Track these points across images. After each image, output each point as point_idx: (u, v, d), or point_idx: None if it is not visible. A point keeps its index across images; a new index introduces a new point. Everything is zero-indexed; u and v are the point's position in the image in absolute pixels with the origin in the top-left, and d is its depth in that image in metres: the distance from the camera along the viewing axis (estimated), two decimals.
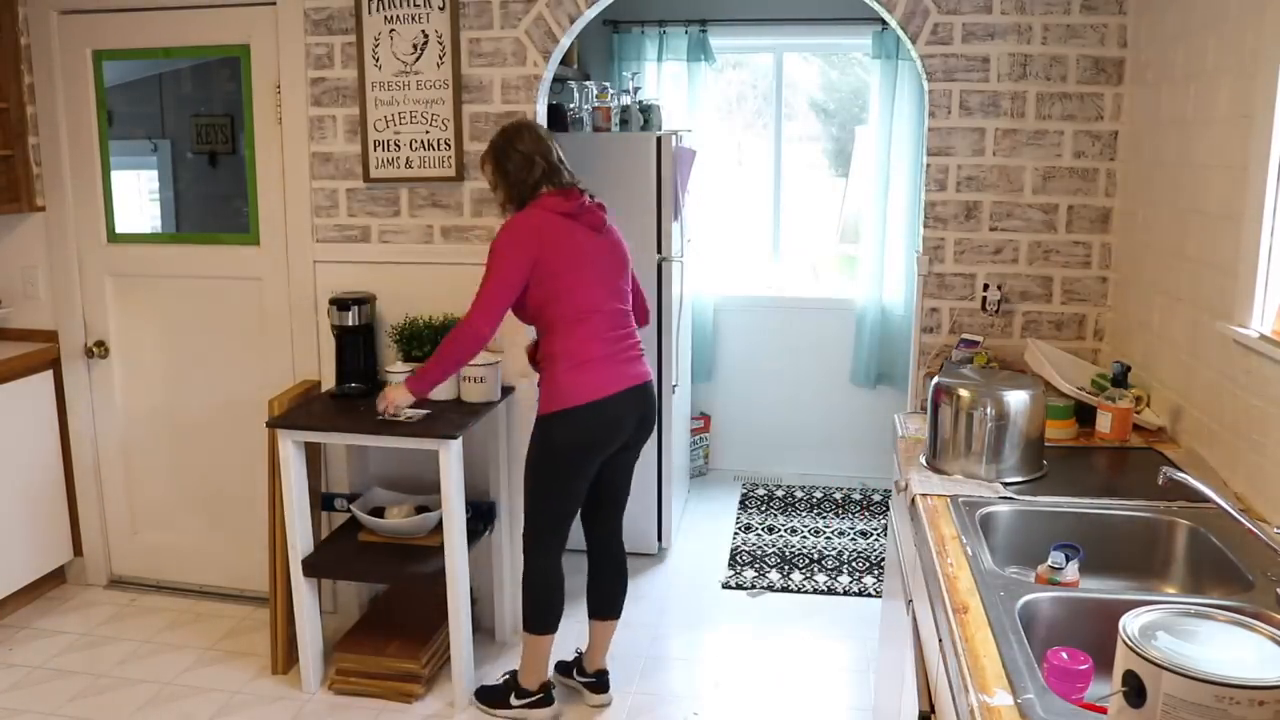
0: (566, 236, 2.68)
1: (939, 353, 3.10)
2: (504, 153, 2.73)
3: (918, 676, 1.89)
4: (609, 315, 2.75)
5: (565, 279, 2.66)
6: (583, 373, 2.69)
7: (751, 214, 5.14)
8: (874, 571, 3.89)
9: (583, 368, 2.69)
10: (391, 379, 3.07)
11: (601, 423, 2.73)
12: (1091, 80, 2.95)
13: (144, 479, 3.75)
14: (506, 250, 2.65)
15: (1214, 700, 1.09)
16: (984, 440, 2.20)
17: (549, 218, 2.68)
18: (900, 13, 2.98)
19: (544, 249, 2.64)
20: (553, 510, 2.83)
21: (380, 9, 3.18)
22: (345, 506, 3.30)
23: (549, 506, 2.82)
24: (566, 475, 2.76)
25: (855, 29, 4.63)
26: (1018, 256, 3.07)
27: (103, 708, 3.02)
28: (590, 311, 2.70)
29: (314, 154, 3.34)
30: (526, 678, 2.93)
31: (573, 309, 2.68)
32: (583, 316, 2.69)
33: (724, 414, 5.11)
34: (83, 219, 3.59)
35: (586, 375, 2.69)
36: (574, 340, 2.69)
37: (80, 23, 3.47)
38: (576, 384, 2.68)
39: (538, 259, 2.64)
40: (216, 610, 3.64)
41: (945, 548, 1.83)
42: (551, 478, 2.77)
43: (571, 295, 2.68)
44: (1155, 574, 1.97)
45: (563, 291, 2.67)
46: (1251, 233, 2.06)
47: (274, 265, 3.46)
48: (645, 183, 3.82)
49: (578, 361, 2.69)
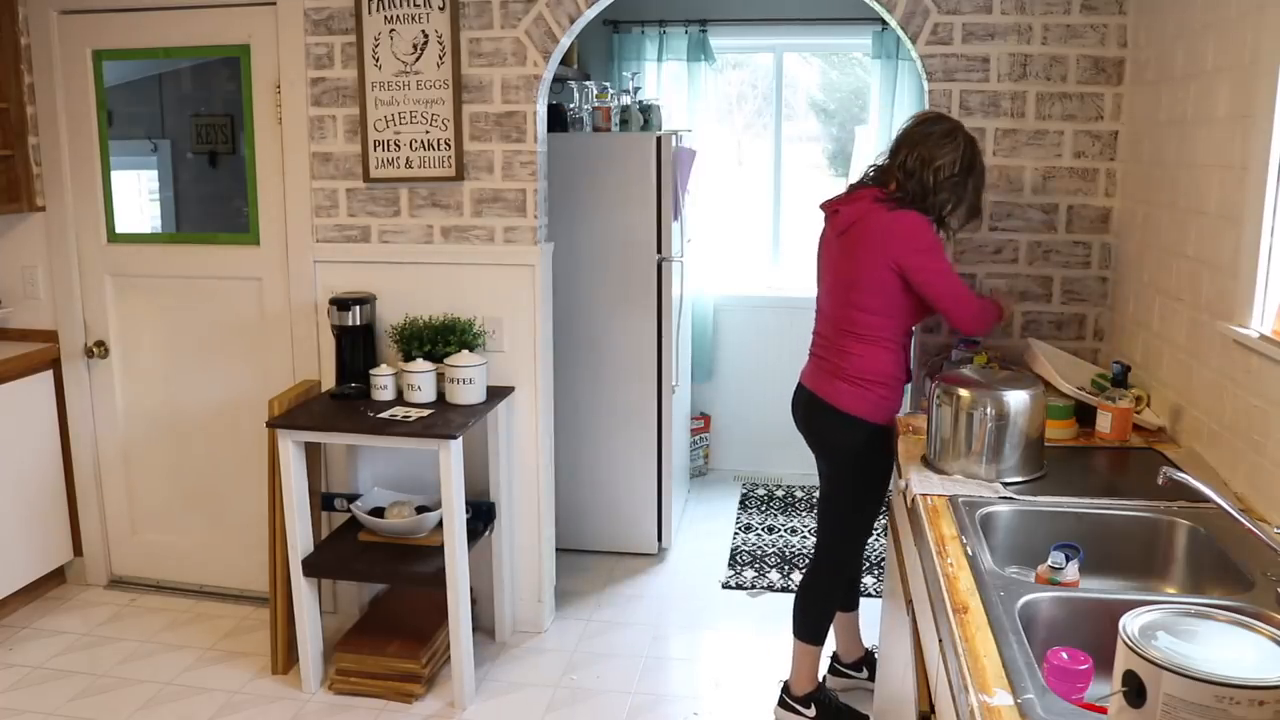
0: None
1: (939, 353, 3.10)
2: (974, 163, 2.56)
3: (918, 676, 1.89)
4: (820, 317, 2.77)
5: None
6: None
7: (751, 214, 5.14)
8: (874, 571, 3.89)
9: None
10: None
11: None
12: (1091, 80, 2.95)
13: (144, 479, 3.75)
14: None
15: (1214, 700, 1.09)
16: (984, 440, 2.20)
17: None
18: (900, 13, 2.98)
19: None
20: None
21: (380, 9, 3.18)
22: (345, 506, 3.30)
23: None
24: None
25: (855, 29, 4.63)
26: (1018, 256, 3.07)
27: (103, 708, 3.02)
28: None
29: (314, 154, 3.34)
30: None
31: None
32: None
33: (724, 414, 5.11)
34: (83, 219, 3.59)
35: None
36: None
37: (80, 23, 3.47)
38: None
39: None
40: (216, 610, 3.64)
41: (945, 548, 1.83)
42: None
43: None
44: (1155, 574, 1.97)
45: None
46: (1251, 233, 2.06)
47: (274, 265, 3.46)
48: (645, 183, 3.82)
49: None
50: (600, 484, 4.06)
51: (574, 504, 4.03)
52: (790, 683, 2.93)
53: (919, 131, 2.56)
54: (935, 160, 2.51)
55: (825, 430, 2.72)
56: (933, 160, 2.51)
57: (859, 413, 2.63)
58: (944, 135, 2.54)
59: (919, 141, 2.54)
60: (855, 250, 2.57)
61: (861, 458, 2.67)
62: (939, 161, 2.51)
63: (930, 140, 2.53)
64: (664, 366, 3.96)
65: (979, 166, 2.58)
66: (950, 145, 2.52)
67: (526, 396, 3.33)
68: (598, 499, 4.07)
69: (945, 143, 2.52)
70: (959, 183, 2.54)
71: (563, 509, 3.89)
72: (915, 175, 2.53)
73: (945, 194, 2.54)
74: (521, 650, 3.36)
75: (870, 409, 2.63)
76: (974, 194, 2.59)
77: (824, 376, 2.69)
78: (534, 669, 3.24)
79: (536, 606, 3.47)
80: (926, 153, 2.52)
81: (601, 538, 4.10)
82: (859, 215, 2.57)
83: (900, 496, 2.36)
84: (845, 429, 2.66)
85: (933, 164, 2.51)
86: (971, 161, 2.55)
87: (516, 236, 3.26)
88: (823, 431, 2.73)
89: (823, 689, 2.94)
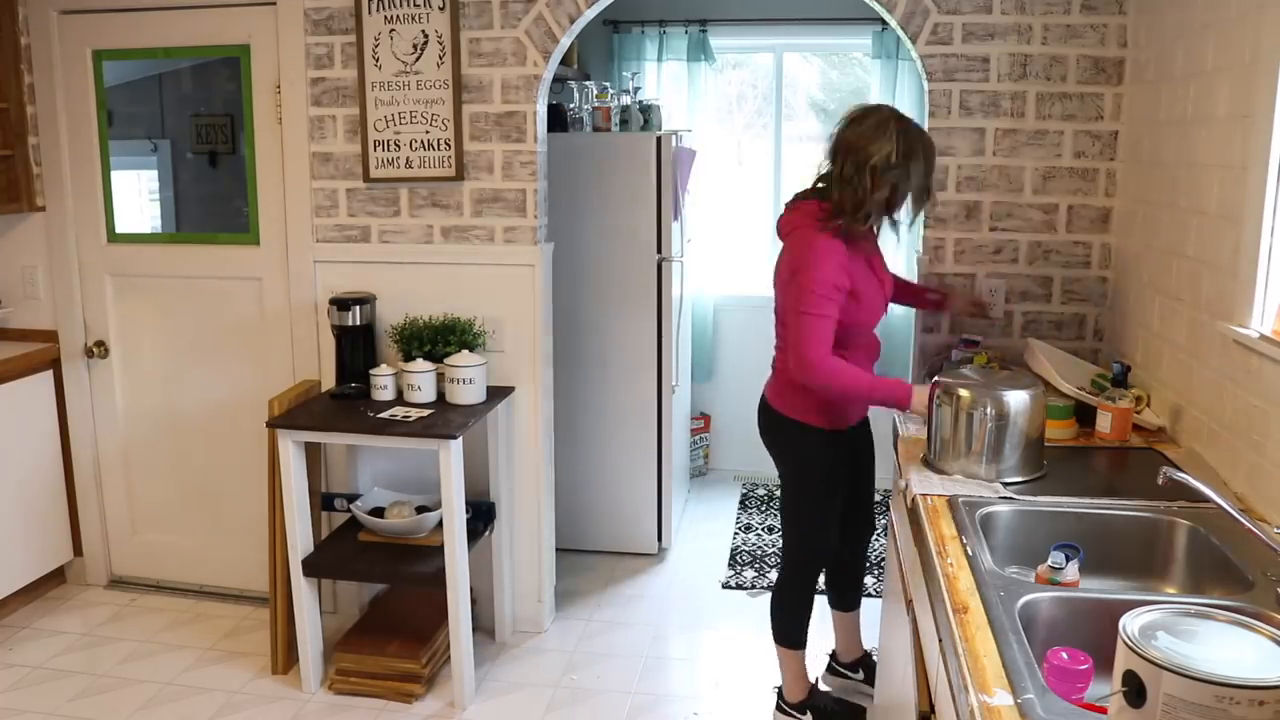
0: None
1: (939, 353, 3.10)
2: (912, 147, 2.46)
3: (917, 676, 1.89)
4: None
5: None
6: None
7: (751, 214, 5.14)
8: (874, 571, 3.89)
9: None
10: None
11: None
12: (1091, 80, 2.95)
13: (144, 479, 3.75)
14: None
15: (1214, 700, 1.08)
16: (984, 440, 2.19)
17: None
18: (900, 13, 2.98)
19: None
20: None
21: (380, 9, 3.18)
22: (345, 506, 3.30)
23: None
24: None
25: (855, 29, 4.63)
26: (1018, 256, 3.07)
27: (103, 708, 3.02)
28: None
29: (314, 154, 3.34)
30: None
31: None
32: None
33: (724, 414, 5.11)
34: (83, 219, 3.59)
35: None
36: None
37: (80, 23, 3.47)
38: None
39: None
40: (216, 610, 3.64)
41: (945, 548, 1.83)
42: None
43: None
44: (1155, 574, 1.96)
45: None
46: (1251, 233, 2.06)
47: (274, 265, 3.46)
48: (645, 183, 3.82)
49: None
50: (600, 484, 4.06)
51: (574, 504, 4.03)
52: (783, 691, 2.94)
53: (849, 135, 2.48)
54: (870, 159, 2.42)
55: (769, 432, 2.81)
56: (868, 159, 2.42)
57: (793, 413, 2.70)
58: (874, 130, 2.44)
59: (851, 145, 2.46)
60: (780, 260, 2.66)
61: (801, 458, 2.74)
62: (874, 160, 2.42)
63: (861, 140, 2.44)
64: (664, 366, 3.96)
65: (918, 148, 2.46)
66: (882, 138, 2.42)
67: (526, 396, 3.33)
68: (598, 499, 4.07)
69: (877, 137, 2.43)
70: (901, 172, 2.44)
71: (563, 509, 3.89)
72: (852, 181, 2.45)
73: (887, 189, 2.45)
74: (521, 650, 3.36)
75: (802, 407, 2.69)
76: (922, 176, 2.48)
77: (772, 380, 2.80)
78: (534, 669, 3.24)
79: (536, 606, 3.47)
80: (861, 155, 2.43)
81: (601, 538, 4.10)
82: (790, 229, 2.64)
83: (900, 496, 2.36)
84: (784, 429, 2.74)
85: (868, 163, 2.42)
86: (909, 147, 2.44)
87: (516, 236, 3.26)
88: (767, 434, 2.82)
89: (815, 693, 2.94)
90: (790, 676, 2.90)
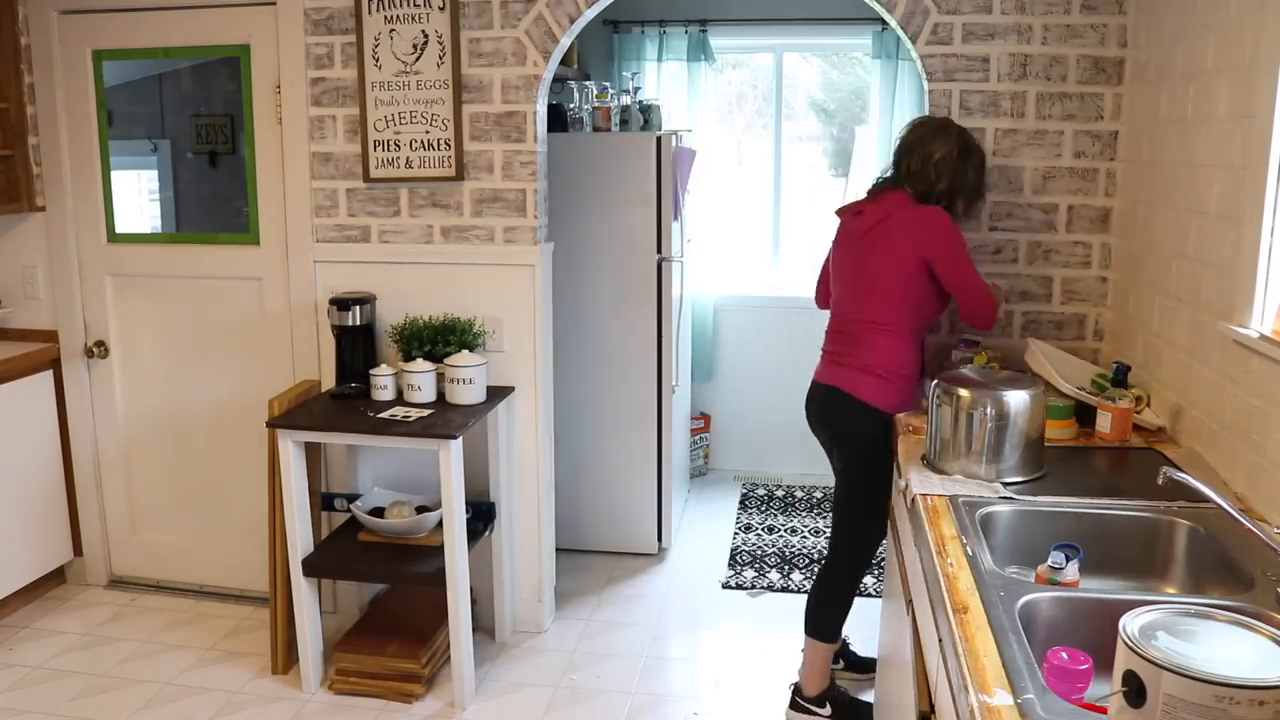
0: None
1: (939, 353, 3.10)
2: (969, 146, 2.75)
3: (917, 676, 1.89)
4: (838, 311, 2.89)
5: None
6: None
7: (751, 214, 5.14)
8: (874, 571, 3.89)
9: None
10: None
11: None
12: (1091, 80, 2.95)
13: (144, 479, 3.75)
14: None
15: (1214, 700, 1.08)
16: (984, 440, 2.20)
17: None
18: (900, 13, 2.98)
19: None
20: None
21: (380, 9, 3.18)
22: (345, 506, 3.30)
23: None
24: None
25: (855, 29, 4.63)
26: (1018, 256, 3.07)
27: (103, 708, 3.02)
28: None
29: (314, 154, 3.34)
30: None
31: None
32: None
33: (724, 414, 5.11)
34: (83, 219, 3.59)
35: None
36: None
37: (80, 23, 3.47)
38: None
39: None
40: (216, 610, 3.64)
41: (945, 548, 1.83)
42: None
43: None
44: (1155, 574, 1.96)
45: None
46: (1251, 233, 2.06)
47: (274, 265, 3.46)
48: (645, 183, 3.82)
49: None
50: (600, 484, 4.06)
51: (574, 504, 4.03)
52: (802, 683, 2.94)
53: (913, 137, 2.77)
54: (933, 154, 2.70)
55: (844, 422, 2.79)
56: (931, 155, 2.71)
57: (880, 404, 2.71)
58: (936, 131, 2.75)
59: (915, 145, 2.75)
60: (882, 245, 2.71)
61: (877, 449, 2.74)
62: (937, 154, 2.70)
63: (925, 140, 2.74)
64: (664, 366, 3.96)
65: (974, 149, 2.76)
66: (943, 137, 2.73)
67: (526, 396, 3.34)
68: (598, 499, 4.08)
69: (938, 136, 2.73)
70: (959, 167, 2.71)
71: (563, 509, 3.89)
72: (919, 174, 2.72)
73: (946, 182, 2.71)
74: (521, 650, 3.36)
75: (891, 400, 2.72)
76: (974, 175, 2.76)
77: (845, 370, 2.77)
78: (534, 669, 3.24)
79: (536, 606, 3.47)
80: (924, 151, 2.72)
81: (601, 538, 4.10)
82: (886, 213, 2.73)
83: (900, 496, 2.36)
84: (865, 420, 2.73)
85: (931, 158, 2.70)
86: (966, 146, 2.74)
87: (516, 236, 3.26)
88: (841, 423, 2.80)
89: (834, 686, 2.95)
90: (814, 670, 2.92)
